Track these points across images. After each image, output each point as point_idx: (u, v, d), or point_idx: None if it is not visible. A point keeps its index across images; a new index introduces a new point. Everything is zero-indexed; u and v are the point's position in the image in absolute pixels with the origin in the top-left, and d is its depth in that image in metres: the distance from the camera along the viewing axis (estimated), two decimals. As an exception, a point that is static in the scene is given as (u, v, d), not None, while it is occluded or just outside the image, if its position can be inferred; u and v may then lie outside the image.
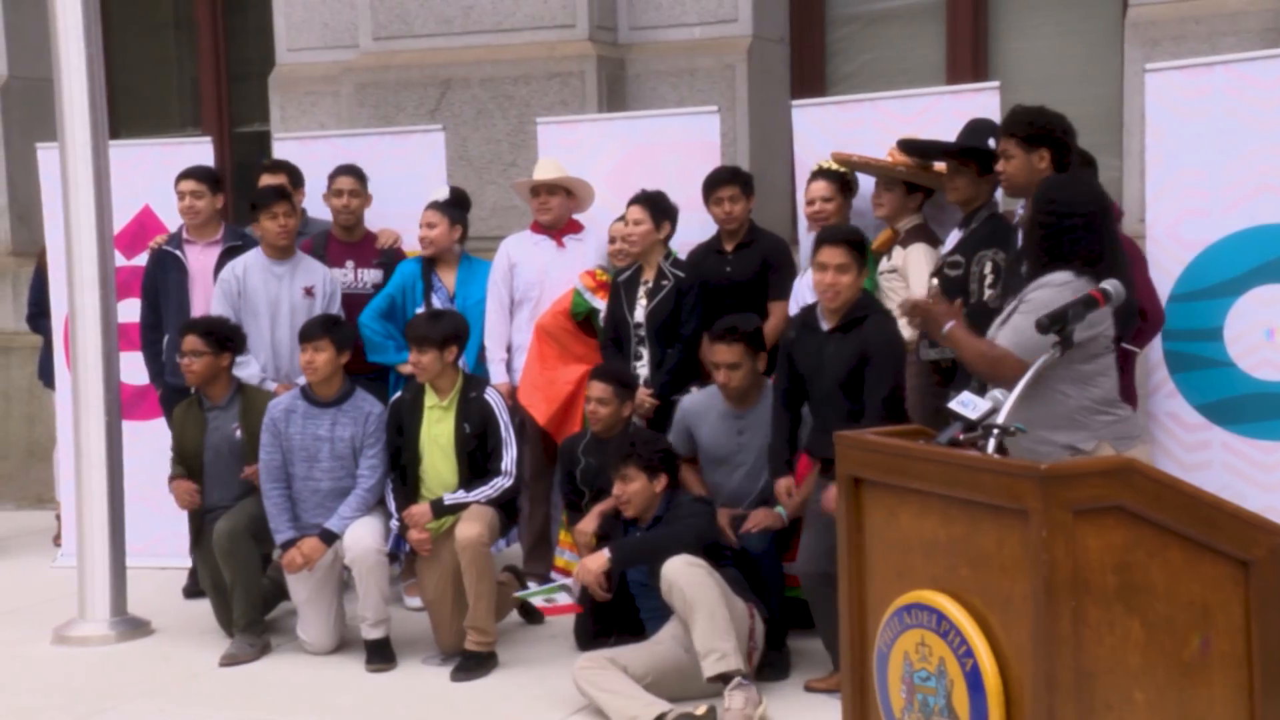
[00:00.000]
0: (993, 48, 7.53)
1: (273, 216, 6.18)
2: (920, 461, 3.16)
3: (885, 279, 5.54)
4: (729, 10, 7.59)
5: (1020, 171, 4.65)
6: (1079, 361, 4.06)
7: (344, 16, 8.24)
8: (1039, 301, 4.09)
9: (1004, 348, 4.10)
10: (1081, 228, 4.10)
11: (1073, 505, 2.81)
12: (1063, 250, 4.09)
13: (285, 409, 5.63)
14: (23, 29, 8.92)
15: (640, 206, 5.89)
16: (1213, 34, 6.34)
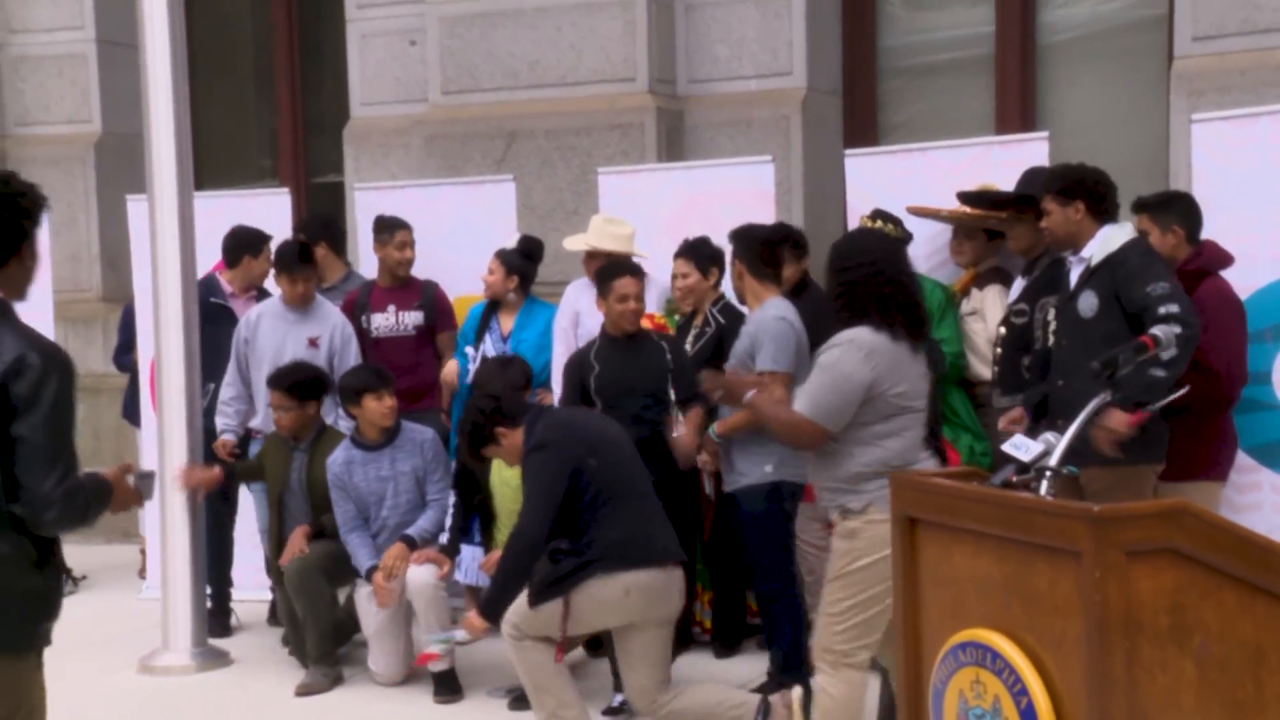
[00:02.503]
0: (1041, 98, 7.50)
1: (291, 282, 6.22)
2: (974, 502, 3.13)
3: (966, 322, 5.55)
4: (784, 63, 7.61)
5: (1060, 225, 4.73)
6: (872, 422, 4.06)
7: (415, 72, 8.32)
8: (826, 362, 4.09)
9: (801, 415, 4.10)
10: (869, 282, 4.10)
11: (1125, 546, 2.77)
12: (856, 306, 4.09)
13: (344, 462, 5.66)
14: (115, 88, 9.08)
15: (685, 259, 5.84)
16: (1257, 85, 6.29)
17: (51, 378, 3.12)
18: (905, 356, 4.13)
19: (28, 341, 3.13)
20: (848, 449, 4.08)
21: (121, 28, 8.73)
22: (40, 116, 9.27)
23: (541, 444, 4.64)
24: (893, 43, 7.92)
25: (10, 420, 3.09)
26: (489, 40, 7.83)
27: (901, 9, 7.93)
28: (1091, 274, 4.65)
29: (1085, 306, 4.62)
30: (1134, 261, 4.54)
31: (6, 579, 3.16)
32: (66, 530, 3.24)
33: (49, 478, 3.11)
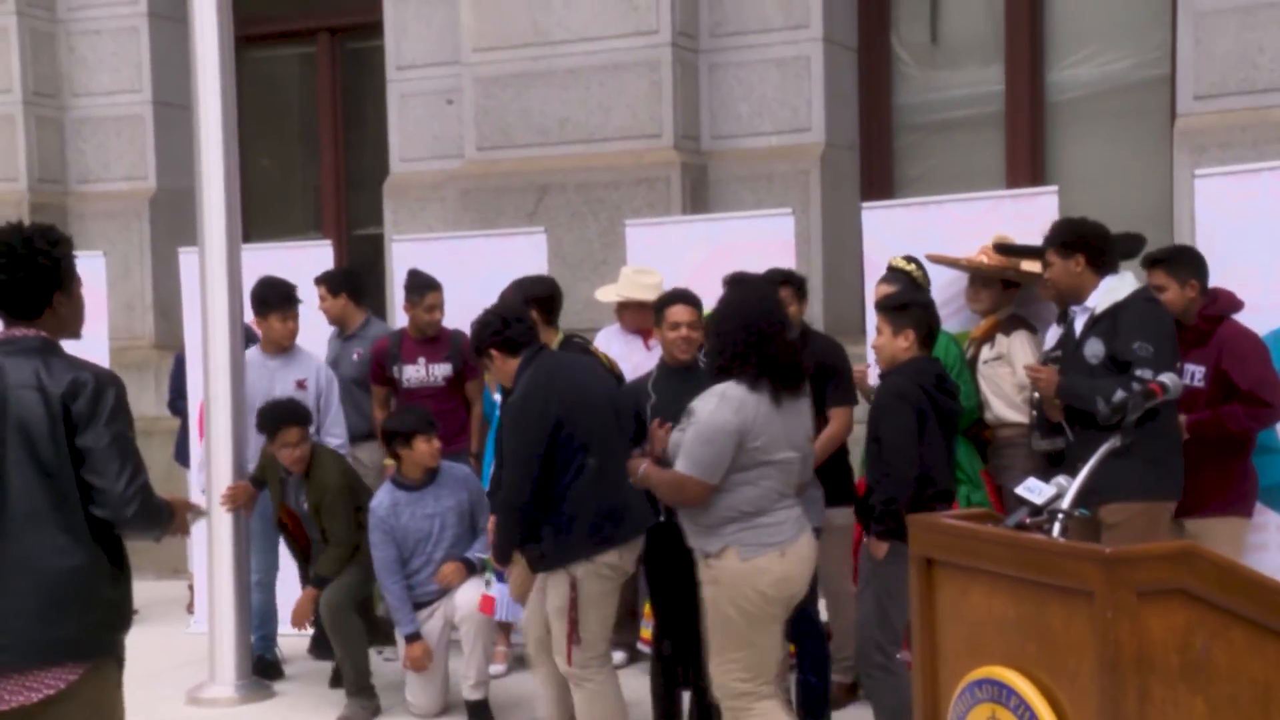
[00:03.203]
0: (1050, 154, 7.51)
1: (284, 319, 6.26)
2: (989, 544, 3.12)
3: (990, 366, 5.53)
4: (803, 120, 7.64)
5: (1062, 277, 4.77)
6: (730, 471, 4.12)
7: (451, 130, 8.37)
8: (698, 418, 4.12)
9: (683, 474, 4.17)
10: (740, 338, 4.12)
11: (1136, 587, 2.75)
12: (727, 361, 4.11)
13: (389, 505, 5.61)
14: (170, 146, 9.17)
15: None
16: (1257, 141, 6.29)
17: (107, 391, 3.28)
18: (771, 410, 4.18)
19: (76, 366, 3.30)
20: (712, 496, 4.18)
21: (176, 90, 8.82)
22: (100, 174, 9.35)
23: (523, 397, 4.64)
24: (907, 100, 7.95)
25: (74, 435, 3.24)
26: (522, 100, 7.88)
27: (915, 68, 7.96)
28: (1096, 322, 4.67)
29: (1091, 354, 4.63)
30: (1132, 314, 4.58)
31: (87, 588, 3.27)
32: (145, 529, 3.35)
33: (121, 477, 3.25)
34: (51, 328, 3.37)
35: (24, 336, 3.33)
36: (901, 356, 4.73)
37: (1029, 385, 5.35)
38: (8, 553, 3.23)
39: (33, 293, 3.33)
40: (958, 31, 7.86)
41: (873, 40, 7.90)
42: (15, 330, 3.35)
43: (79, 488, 3.25)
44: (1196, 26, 6.65)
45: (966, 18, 7.82)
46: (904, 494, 4.47)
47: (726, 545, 4.19)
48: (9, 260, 3.32)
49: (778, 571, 4.22)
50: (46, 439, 3.23)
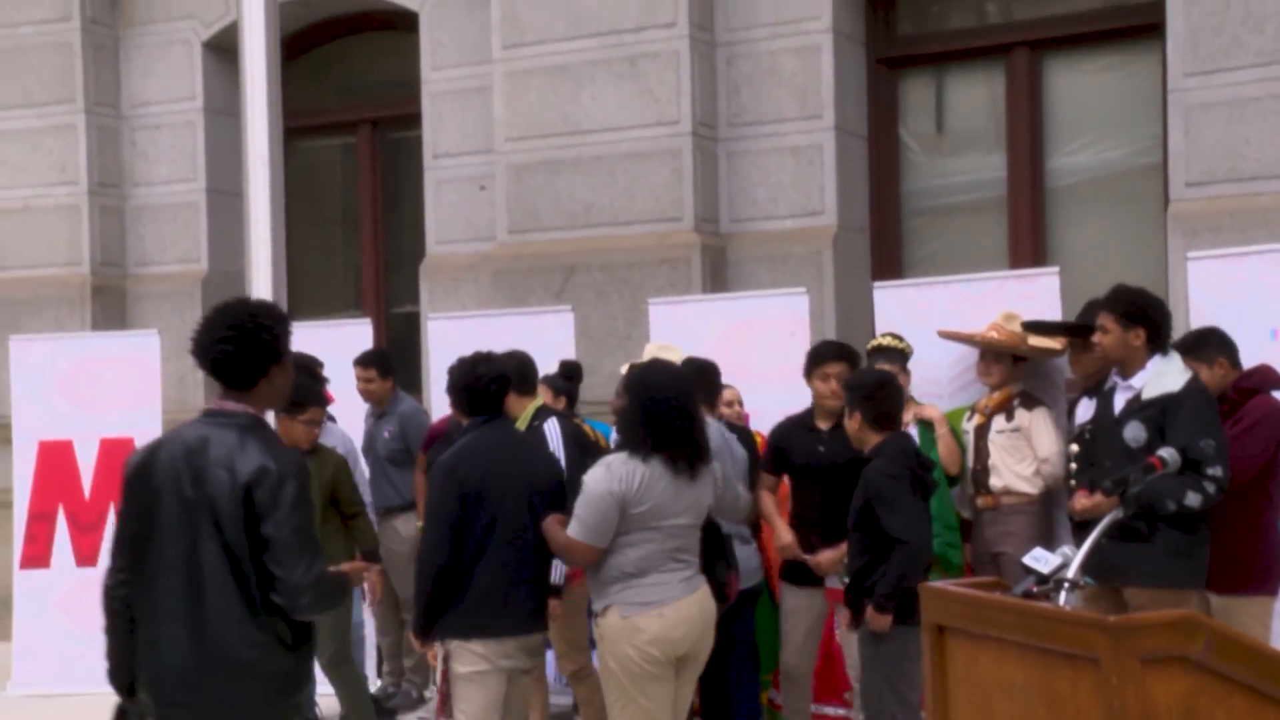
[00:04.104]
0: (1050, 236, 7.52)
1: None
2: (998, 611, 3.12)
3: (1005, 437, 5.53)
4: (816, 204, 7.67)
5: (1117, 346, 4.63)
6: (616, 535, 4.19)
7: (484, 214, 8.43)
8: (585, 485, 4.20)
9: (572, 537, 4.24)
10: (636, 411, 4.17)
11: (1140, 654, 2.74)
12: (624, 432, 4.14)
13: None
14: (221, 230, 9.27)
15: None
16: (1245, 226, 6.29)
17: (289, 482, 3.31)
18: (664, 480, 4.22)
19: (267, 452, 3.32)
20: (605, 559, 4.25)
21: (229, 179, 8.93)
22: (156, 257, 9.44)
23: (445, 464, 4.56)
24: (915, 186, 7.98)
25: (257, 522, 3.28)
26: (551, 186, 7.94)
27: (922, 155, 8.01)
28: (1142, 406, 4.55)
29: (1132, 437, 4.52)
30: (1190, 409, 4.45)
31: (263, 663, 3.33)
32: (319, 613, 3.40)
33: (298, 567, 3.29)
34: (264, 398, 3.43)
35: (233, 411, 3.39)
36: (865, 438, 4.73)
37: (1049, 460, 5.34)
38: (198, 619, 3.30)
39: (252, 365, 3.39)
40: (962, 121, 7.92)
41: (882, 130, 7.95)
42: (227, 403, 3.41)
43: (259, 569, 3.29)
44: (1186, 119, 6.69)
45: (970, 108, 7.88)
46: (919, 572, 4.45)
47: (610, 604, 4.25)
48: (236, 334, 3.38)
49: (654, 630, 4.24)
50: (231, 520, 3.28)
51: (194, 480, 3.31)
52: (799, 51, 7.63)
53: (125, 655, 3.45)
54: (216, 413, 3.41)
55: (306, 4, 9.01)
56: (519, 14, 7.97)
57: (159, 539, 3.34)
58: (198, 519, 3.30)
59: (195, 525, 3.30)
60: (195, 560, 3.29)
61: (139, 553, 3.39)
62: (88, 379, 7.43)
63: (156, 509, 3.35)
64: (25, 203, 9.37)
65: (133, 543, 3.41)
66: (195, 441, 3.35)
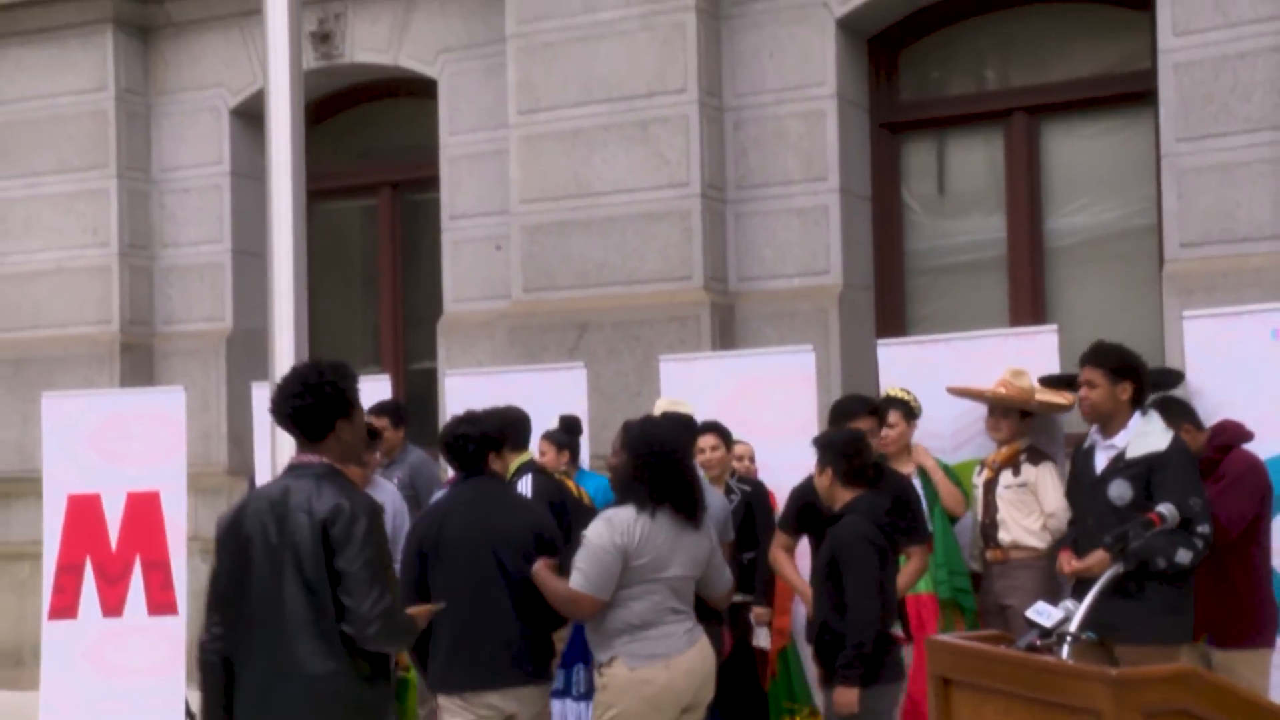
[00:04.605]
0: (1049, 295, 7.55)
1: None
2: (1002, 665, 3.11)
3: (1013, 492, 5.52)
4: (822, 263, 7.71)
5: (1105, 400, 4.63)
6: (618, 589, 4.16)
7: (499, 273, 8.48)
8: (589, 538, 4.15)
9: (576, 590, 4.19)
10: (640, 465, 4.16)
11: (1142, 708, 2.74)
12: (626, 485, 4.14)
13: None
14: (245, 289, 9.34)
15: (714, 435, 5.89)
16: (1238, 286, 6.32)
17: (360, 519, 3.46)
18: (664, 532, 4.20)
19: (342, 493, 3.50)
20: (604, 610, 4.21)
21: (253, 239, 9.00)
22: (183, 316, 9.50)
23: (413, 523, 4.63)
24: (917, 246, 8.03)
25: (332, 557, 3.43)
26: (564, 246, 7.99)
27: (924, 216, 8.06)
28: (1127, 465, 4.55)
29: (1117, 495, 4.51)
30: (1178, 468, 4.45)
31: (345, 690, 3.46)
32: (389, 645, 3.52)
33: (367, 599, 3.42)
34: (335, 452, 3.59)
35: (310, 463, 3.56)
36: (836, 495, 4.71)
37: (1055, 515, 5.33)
38: (282, 654, 3.43)
39: (320, 418, 3.56)
40: (962, 184, 7.97)
41: (885, 191, 8.00)
42: (305, 456, 3.59)
43: (335, 604, 3.43)
44: (1179, 182, 6.74)
45: (970, 171, 7.94)
46: (870, 638, 4.42)
47: (615, 655, 4.22)
48: (304, 389, 3.56)
49: (662, 681, 4.23)
50: (310, 558, 3.43)
51: (278, 528, 3.48)
52: (804, 116, 7.70)
53: (220, 709, 3.58)
54: (295, 466, 3.60)
55: (330, 72, 9.12)
56: (534, 81, 8.06)
57: (250, 588, 3.49)
58: (282, 562, 3.45)
59: (280, 568, 3.45)
60: (281, 601, 3.44)
61: (233, 607, 3.54)
62: (116, 434, 7.45)
63: (247, 561, 3.51)
64: (59, 264, 9.45)
65: (226, 598, 3.57)
66: (277, 493, 3.54)
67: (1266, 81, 6.57)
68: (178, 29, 9.48)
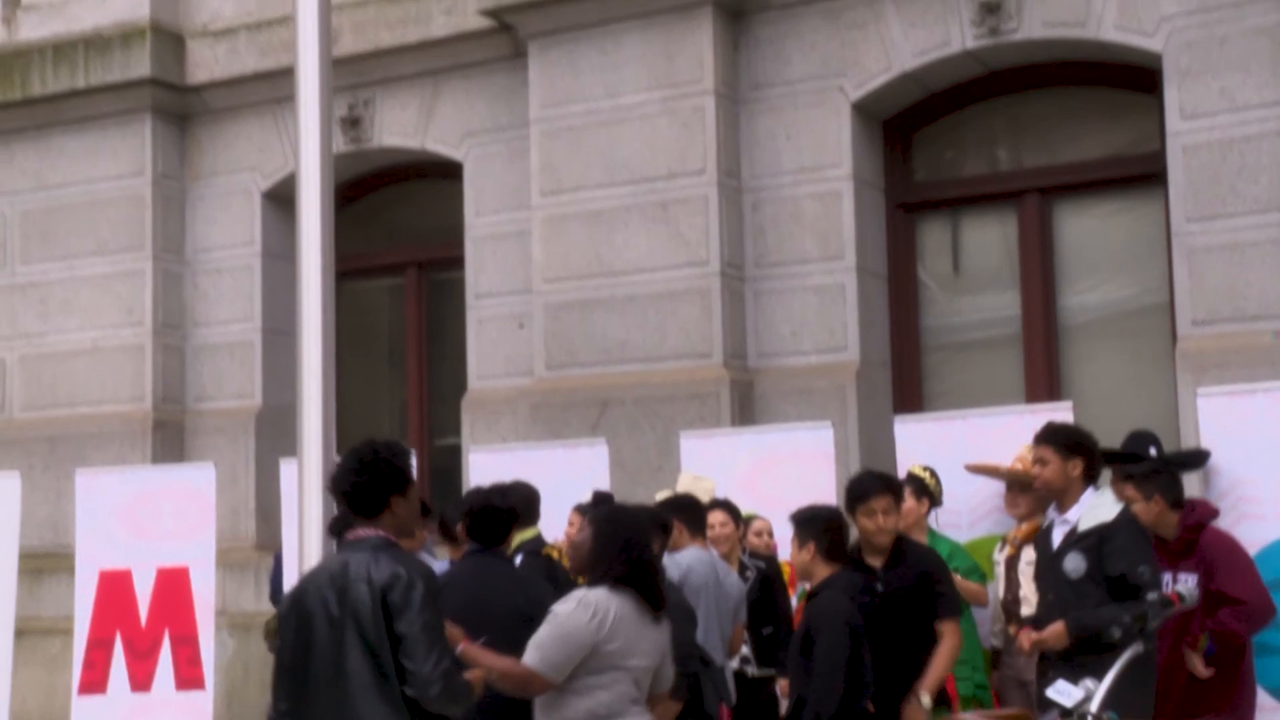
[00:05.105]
0: (1064, 371, 7.55)
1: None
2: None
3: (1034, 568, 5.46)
4: (839, 341, 7.73)
5: (1057, 477, 4.69)
6: (584, 674, 3.96)
7: (522, 350, 8.50)
8: (558, 616, 3.99)
9: (530, 667, 3.97)
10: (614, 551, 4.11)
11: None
12: (599, 570, 4.11)
13: None
14: (275, 367, 9.38)
15: (723, 511, 5.88)
16: (1251, 363, 6.33)
17: (418, 584, 3.57)
18: (632, 618, 4.05)
19: (398, 561, 3.61)
20: (564, 697, 4.00)
21: (283, 318, 9.03)
22: (213, 393, 9.55)
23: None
24: (933, 323, 8.04)
25: (392, 622, 3.53)
26: (586, 324, 8.03)
27: (940, 294, 8.09)
28: (1080, 537, 4.59)
29: (1072, 568, 4.53)
30: (1126, 538, 4.49)
31: None
32: (450, 706, 3.58)
33: (428, 661, 3.51)
34: (390, 525, 3.71)
35: (367, 537, 3.67)
36: (815, 571, 4.66)
37: None
38: (347, 717, 3.50)
39: (376, 494, 3.69)
40: (977, 262, 8.01)
41: (901, 269, 8.05)
42: (361, 530, 3.70)
43: (397, 667, 3.51)
44: (1190, 261, 6.77)
45: (984, 250, 7.98)
46: (829, 712, 4.37)
47: None
48: (360, 465, 3.72)
49: None
50: (371, 625, 3.52)
51: (339, 599, 3.57)
52: (821, 197, 7.77)
53: None
54: (352, 541, 3.70)
55: (359, 155, 9.26)
56: (556, 163, 8.17)
57: (314, 661, 3.58)
58: (344, 631, 3.54)
59: (343, 637, 3.53)
60: (345, 669, 3.52)
61: (298, 681, 3.61)
62: (147, 510, 7.49)
63: (309, 634, 3.59)
64: (95, 343, 9.55)
65: (291, 673, 3.64)
66: (337, 568, 3.65)
67: (1273, 165, 6.62)
68: (213, 115, 9.66)
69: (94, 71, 9.50)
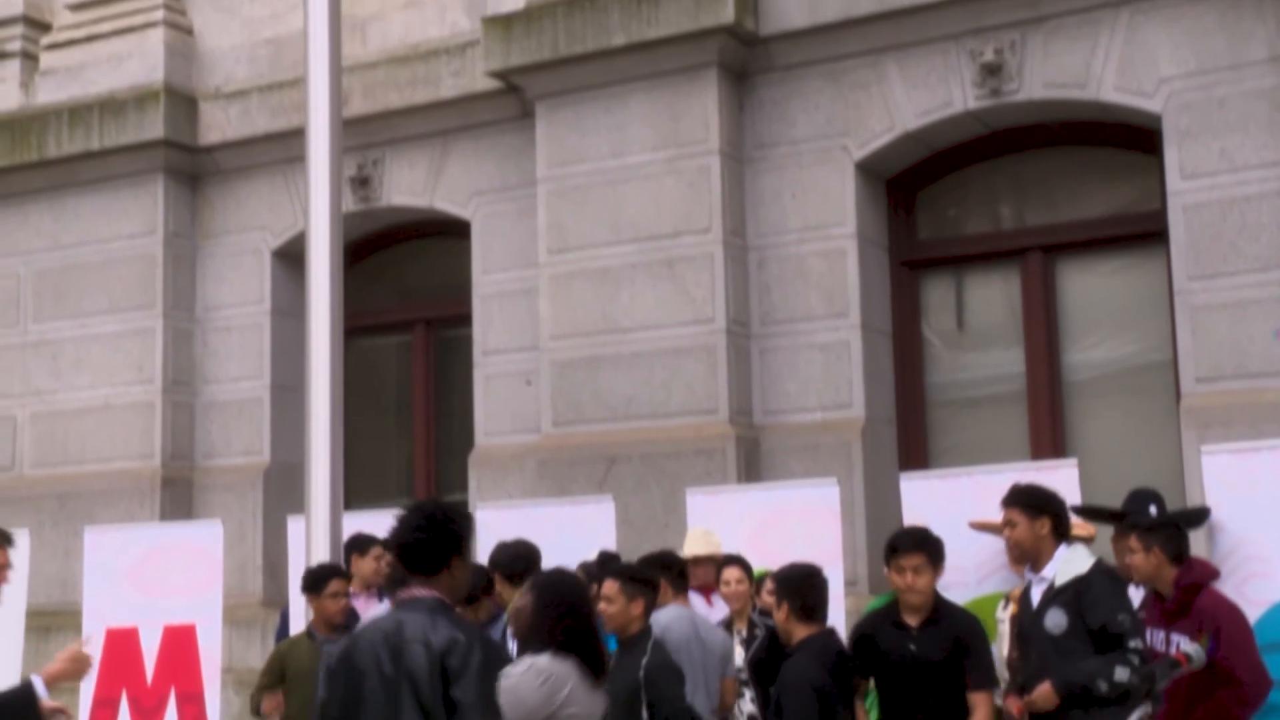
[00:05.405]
0: (1069, 428, 7.54)
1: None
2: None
3: None
4: (845, 397, 7.73)
5: (1026, 537, 4.73)
6: None
7: (530, 407, 8.52)
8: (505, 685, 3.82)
9: None
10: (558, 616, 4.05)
11: None
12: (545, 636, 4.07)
13: None
14: (283, 423, 9.41)
15: (738, 568, 5.86)
16: (1255, 420, 6.32)
17: (476, 651, 3.54)
18: (578, 684, 3.93)
19: (456, 626, 3.60)
20: None
21: (291, 375, 9.08)
22: (222, 450, 9.57)
23: None
24: (938, 380, 8.05)
25: (449, 687, 3.51)
26: (593, 381, 8.05)
27: (944, 351, 8.10)
28: (1058, 593, 4.58)
29: (1053, 624, 4.52)
30: (1102, 588, 4.50)
31: None
32: None
33: None
34: (447, 587, 3.67)
35: (423, 597, 3.64)
36: (792, 631, 4.62)
37: None
38: None
39: (439, 552, 3.65)
40: (981, 319, 8.03)
41: (905, 327, 8.07)
42: (417, 590, 3.66)
43: None
44: (1192, 319, 6.79)
45: (988, 307, 8.00)
46: None
47: None
48: (423, 521, 3.68)
49: None
50: (428, 688, 3.49)
51: (393, 659, 3.54)
52: (826, 255, 7.81)
53: None
54: (407, 601, 3.67)
55: (368, 214, 9.34)
56: (564, 222, 8.23)
57: (364, 717, 3.55)
58: (398, 692, 3.51)
59: (397, 699, 3.51)
60: None
61: None
62: (155, 568, 7.47)
63: (359, 691, 3.57)
64: (106, 400, 9.59)
65: None
66: (391, 626, 3.62)
67: (1273, 224, 6.65)
68: (224, 175, 9.75)
69: (108, 133, 9.61)
